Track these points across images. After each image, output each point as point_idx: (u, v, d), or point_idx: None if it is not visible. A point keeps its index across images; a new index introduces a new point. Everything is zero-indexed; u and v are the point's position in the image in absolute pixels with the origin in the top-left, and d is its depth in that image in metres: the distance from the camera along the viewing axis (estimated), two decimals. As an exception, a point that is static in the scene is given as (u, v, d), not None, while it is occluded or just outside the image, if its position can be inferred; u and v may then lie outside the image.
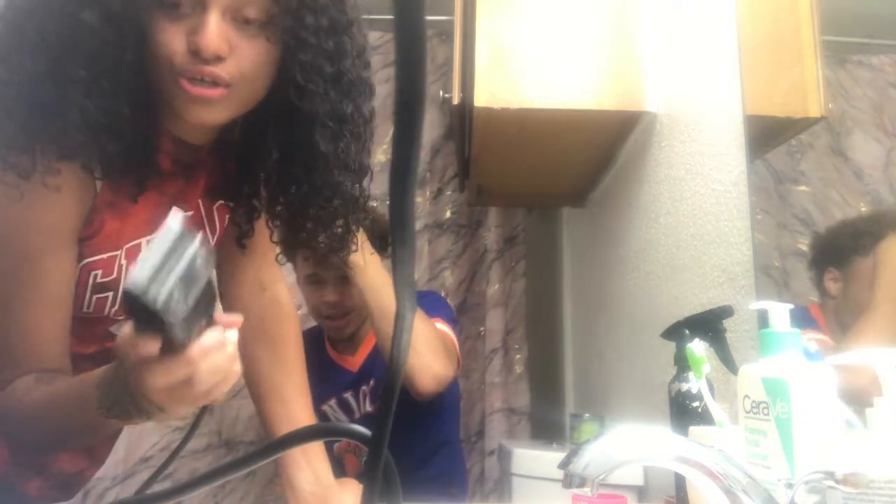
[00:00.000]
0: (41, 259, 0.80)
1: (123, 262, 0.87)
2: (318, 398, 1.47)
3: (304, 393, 1.14)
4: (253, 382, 1.11)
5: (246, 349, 1.10)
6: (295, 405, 1.10)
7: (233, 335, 0.66)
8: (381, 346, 1.57)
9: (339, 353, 1.77)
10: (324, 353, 1.76)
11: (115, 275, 0.87)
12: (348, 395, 1.71)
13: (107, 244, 0.85)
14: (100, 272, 0.86)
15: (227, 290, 1.14)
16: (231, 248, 1.08)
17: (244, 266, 1.12)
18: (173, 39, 0.77)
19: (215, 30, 0.77)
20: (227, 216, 1.04)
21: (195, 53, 0.77)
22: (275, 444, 0.63)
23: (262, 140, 0.93)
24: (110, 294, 0.88)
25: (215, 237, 1.03)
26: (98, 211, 0.84)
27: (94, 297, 0.87)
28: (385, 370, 0.31)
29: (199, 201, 0.98)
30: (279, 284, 1.17)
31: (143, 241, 0.89)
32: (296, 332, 1.18)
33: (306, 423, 1.07)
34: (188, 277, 0.50)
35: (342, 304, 1.66)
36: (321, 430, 0.56)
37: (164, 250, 0.49)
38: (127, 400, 0.68)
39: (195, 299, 0.52)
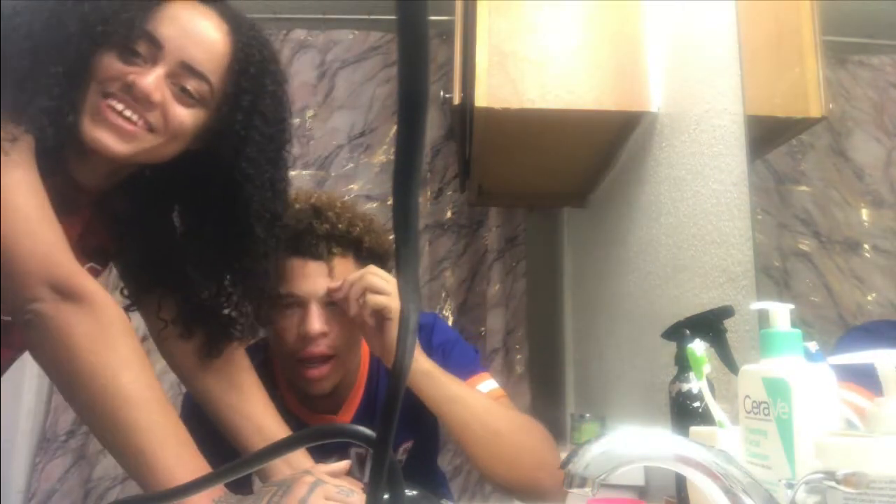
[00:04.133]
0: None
1: None
2: None
3: (265, 401, 1.11)
4: (213, 411, 1.10)
5: (194, 385, 1.12)
6: (257, 415, 1.09)
7: None
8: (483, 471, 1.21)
9: (310, 410, 1.28)
10: (282, 411, 1.17)
11: None
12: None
13: None
14: None
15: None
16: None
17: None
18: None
19: (154, 82, 0.91)
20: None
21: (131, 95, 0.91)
22: (278, 446, 0.62)
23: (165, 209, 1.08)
24: None
25: None
26: None
27: None
28: (390, 373, 0.30)
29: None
30: None
31: None
32: (240, 351, 1.15)
33: (276, 429, 1.08)
34: None
35: (329, 339, 1.19)
36: (325, 431, 0.56)
37: None
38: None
39: None
